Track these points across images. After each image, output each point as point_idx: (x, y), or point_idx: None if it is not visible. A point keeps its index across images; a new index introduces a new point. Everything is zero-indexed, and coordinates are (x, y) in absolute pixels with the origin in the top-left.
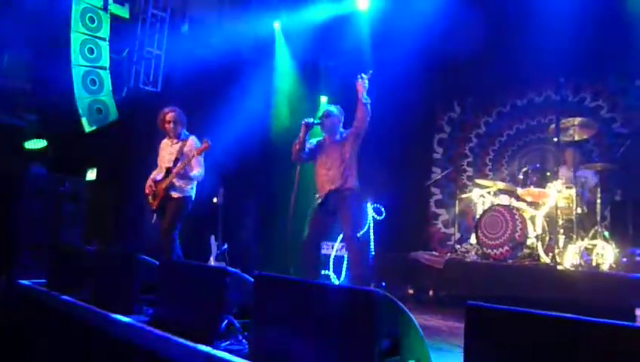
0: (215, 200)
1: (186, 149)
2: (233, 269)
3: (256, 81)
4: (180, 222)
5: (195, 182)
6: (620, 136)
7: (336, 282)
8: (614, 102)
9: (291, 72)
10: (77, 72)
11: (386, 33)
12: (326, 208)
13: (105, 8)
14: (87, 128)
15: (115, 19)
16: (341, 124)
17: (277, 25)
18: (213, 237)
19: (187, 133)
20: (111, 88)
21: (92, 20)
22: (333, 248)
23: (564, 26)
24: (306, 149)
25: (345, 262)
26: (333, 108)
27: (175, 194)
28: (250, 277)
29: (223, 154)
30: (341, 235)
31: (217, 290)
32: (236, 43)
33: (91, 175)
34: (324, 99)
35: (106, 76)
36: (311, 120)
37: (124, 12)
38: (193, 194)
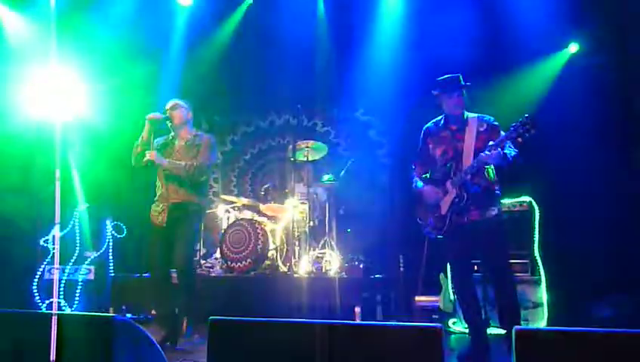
0: None
1: None
2: None
3: None
4: None
5: None
6: (343, 158)
7: (69, 310)
8: (339, 129)
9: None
10: None
11: None
12: None
13: None
14: None
15: None
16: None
17: None
18: None
19: None
20: None
21: None
22: (65, 271)
23: (301, 60)
24: None
25: (79, 286)
26: None
27: None
28: None
29: None
30: (75, 257)
31: None
32: None
33: None
34: None
35: None
36: None
37: None
38: None
